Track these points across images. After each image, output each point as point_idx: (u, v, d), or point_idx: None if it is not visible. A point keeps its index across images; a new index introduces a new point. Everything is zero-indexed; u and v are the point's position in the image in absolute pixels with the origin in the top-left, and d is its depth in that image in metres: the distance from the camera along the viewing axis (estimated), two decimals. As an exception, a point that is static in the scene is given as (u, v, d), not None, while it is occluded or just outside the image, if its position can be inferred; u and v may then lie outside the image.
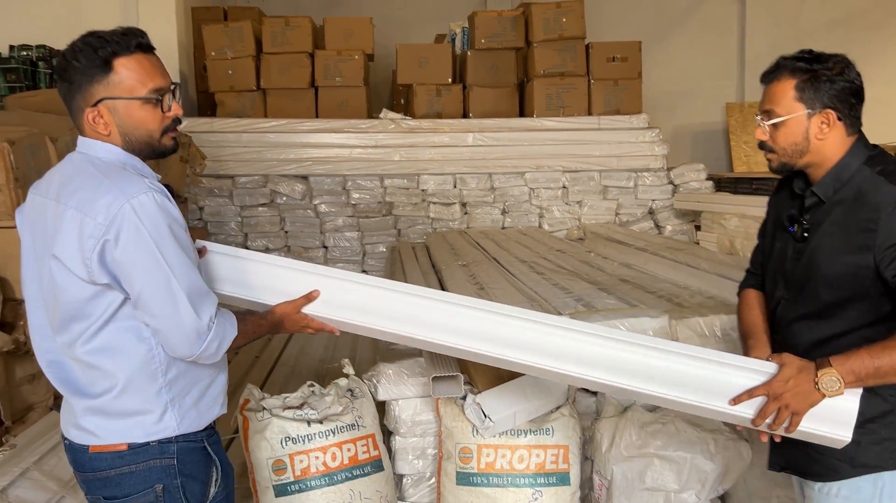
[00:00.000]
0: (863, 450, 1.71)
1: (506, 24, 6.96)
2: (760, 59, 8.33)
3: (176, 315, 1.61)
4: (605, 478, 2.33)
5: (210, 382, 1.78)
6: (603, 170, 6.72)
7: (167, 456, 1.67)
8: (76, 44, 1.67)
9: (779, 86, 1.77)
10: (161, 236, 1.60)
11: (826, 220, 1.76)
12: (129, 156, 1.71)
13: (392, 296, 1.88)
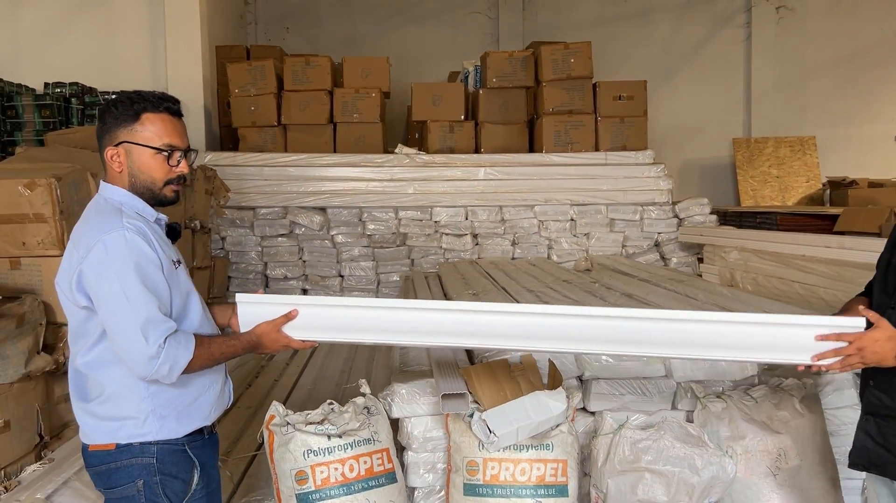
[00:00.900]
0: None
1: (516, 64, 7.27)
2: (766, 96, 8.71)
3: (128, 341, 1.82)
4: (601, 492, 2.52)
5: (197, 397, 1.99)
6: (610, 203, 6.96)
7: (147, 456, 1.90)
8: (120, 96, 1.99)
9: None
10: (124, 270, 1.82)
11: None
12: (133, 197, 1.96)
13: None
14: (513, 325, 2.06)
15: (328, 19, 10.76)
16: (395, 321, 2.11)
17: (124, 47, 7.66)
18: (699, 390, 2.78)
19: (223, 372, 2.12)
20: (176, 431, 1.94)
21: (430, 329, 2.10)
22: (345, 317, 2.11)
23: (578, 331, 2.03)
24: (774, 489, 2.52)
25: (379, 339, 2.18)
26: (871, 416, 1.98)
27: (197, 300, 2.03)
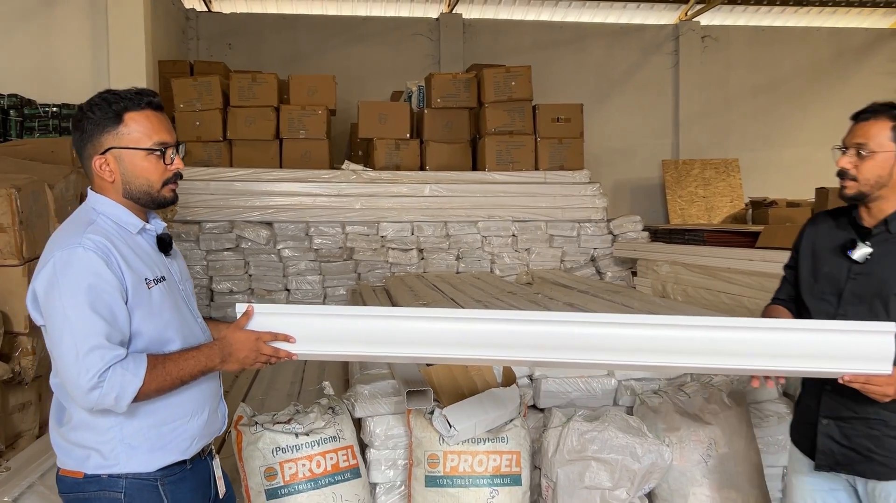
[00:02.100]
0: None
1: (460, 86, 7.54)
2: (693, 120, 9.28)
3: (66, 370, 1.65)
4: (551, 481, 2.73)
5: (174, 428, 1.79)
6: (549, 220, 7.27)
7: (115, 489, 1.73)
8: (93, 98, 1.79)
9: (876, 124, 2.03)
10: (72, 292, 1.64)
11: (895, 247, 2.04)
12: (116, 206, 1.79)
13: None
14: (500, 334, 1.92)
15: (271, 37, 10.84)
16: (403, 331, 1.92)
17: (65, 59, 7.55)
18: (638, 388, 3.04)
19: (213, 396, 1.91)
20: (147, 465, 1.75)
21: (452, 341, 1.92)
22: (351, 328, 1.91)
23: (609, 342, 1.92)
24: (706, 474, 2.78)
25: (384, 353, 1.99)
26: (831, 420, 2.10)
27: (174, 329, 1.80)
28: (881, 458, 2.01)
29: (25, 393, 3.70)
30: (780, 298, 2.35)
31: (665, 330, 1.92)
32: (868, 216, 2.11)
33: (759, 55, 12.00)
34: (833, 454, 2.09)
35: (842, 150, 2.09)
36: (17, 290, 3.51)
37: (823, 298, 2.14)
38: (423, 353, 1.97)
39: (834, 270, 2.12)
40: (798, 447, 2.24)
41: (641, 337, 1.91)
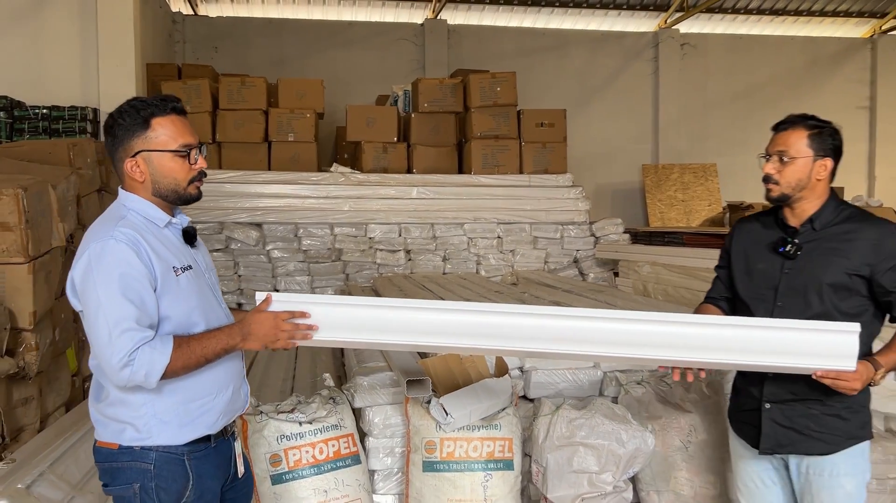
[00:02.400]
0: (852, 424, 2.21)
1: (446, 91, 7.71)
2: (672, 126, 9.58)
3: (101, 350, 1.80)
4: (542, 466, 2.89)
5: (202, 404, 1.93)
6: (533, 222, 7.45)
7: (146, 461, 1.88)
8: (123, 106, 1.93)
9: (794, 134, 2.24)
10: (105, 280, 1.78)
11: (821, 243, 2.22)
12: (145, 203, 1.94)
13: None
14: (521, 328, 2.05)
15: (257, 40, 10.94)
16: (417, 322, 2.04)
17: (55, 62, 7.60)
18: (623, 378, 3.21)
19: (237, 375, 2.05)
20: (177, 438, 1.90)
21: (458, 331, 2.04)
22: (368, 317, 2.04)
23: (628, 337, 2.05)
24: (686, 459, 2.96)
25: (392, 341, 2.09)
26: (774, 404, 2.27)
27: (199, 313, 1.95)
28: (818, 435, 2.21)
29: (28, 388, 3.79)
30: (712, 297, 2.53)
31: (648, 325, 2.07)
32: (792, 216, 2.30)
33: (736, 62, 12.31)
34: (777, 436, 2.27)
35: (766, 157, 2.28)
36: (23, 287, 3.62)
37: (760, 294, 2.31)
38: (432, 342, 2.10)
39: (768, 267, 2.30)
40: (740, 434, 2.41)
41: (624, 331, 2.06)
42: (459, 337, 2.05)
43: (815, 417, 2.22)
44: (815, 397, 2.20)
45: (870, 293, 2.22)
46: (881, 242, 2.19)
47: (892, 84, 12.61)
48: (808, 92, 12.47)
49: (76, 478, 3.15)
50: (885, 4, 12.24)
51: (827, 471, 2.22)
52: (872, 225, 2.23)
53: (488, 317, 2.05)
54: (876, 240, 2.20)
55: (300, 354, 5.22)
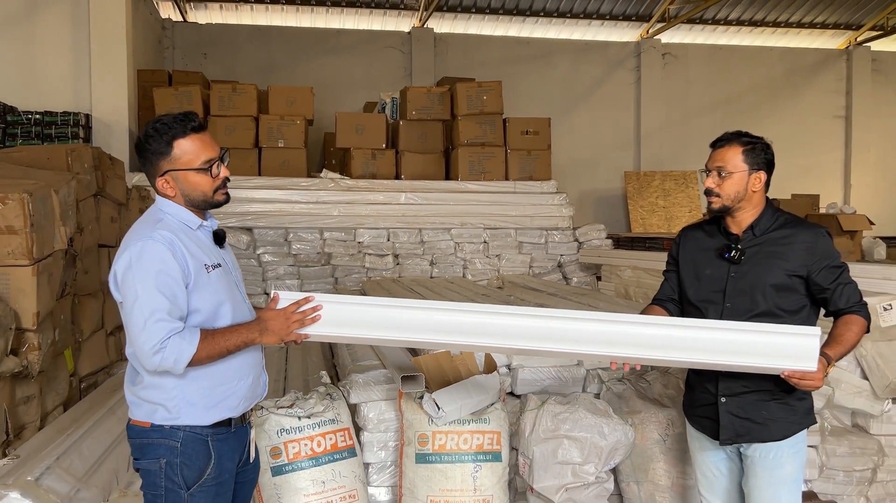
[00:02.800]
0: (798, 412, 2.41)
1: (434, 99, 7.89)
2: (654, 134, 9.87)
3: (136, 338, 2.00)
4: (528, 458, 3.05)
5: (226, 389, 2.14)
6: (518, 228, 7.64)
7: (174, 439, 2.08)
8: (148, 130, 2.12)
9: (730, 150, 2.44)
10: (143, 275, 1.99)
11: (762, 248, 2.41)
12: (180, 209, 2.14)
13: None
14: (523, 328, 2.23)
15: (246, 47, 11.07)
16: (418, 320, 2.21)
17: (47, 68, 7.72)
18: (605, 376, 3.39)
19: (257, 365, 2.24)
20: (203, 419, 2.10)
21: (453, 329, 2.20)
22: (372, 315, 2.22)
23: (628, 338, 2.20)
24: (664, 451, 3.13)
25: (399, 338, 2.24)
26: (729, 397, 2.43)
27: (228, 306, 2.13)
28: (771, 423, 2.41)
29: (30, 386, 3.90)
30: (659, 299, 2.70)
31: (628, 326, 2.24)
32: (734, 224, 2.50)
33: (716, 72, 12.61)
34: (734, 427, 2.45)
35: (706, 172, 2.49)
36: (27, 289, 3.72)
37: (710, 297, 2.49)
38: (426, 339, 2.27)
39: (715, 272, 2.49)
40: (697, 428, 2.58)
41: (604, 331, 2.24)
42: (448, 334, 2.23)
43: (768, 407, 2.41)
44: (766, 388, 2.39)
45: (807, 291, 2.42)
46: (815, 244, 2.41)
47: (866, 94, 12.96)
48: (785, 101, 12.80)
49: (81, 471, 3.28)
50: (861, 17, 12.59)
51: (772, 454, 2.41)
52: (806, 229, 2.45)
53: (474, 317, 2.24)
54: (811, 242, 2.41)
55: (291, 356, 5.36)
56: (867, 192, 12.96)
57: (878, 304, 3.51)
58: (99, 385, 4.66)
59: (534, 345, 2.26)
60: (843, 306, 2.41)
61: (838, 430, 3.55)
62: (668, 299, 2.69)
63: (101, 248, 4.89)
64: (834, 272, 2.40)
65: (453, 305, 2.25)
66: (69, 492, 3.09)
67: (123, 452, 3.67)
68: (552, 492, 2.98)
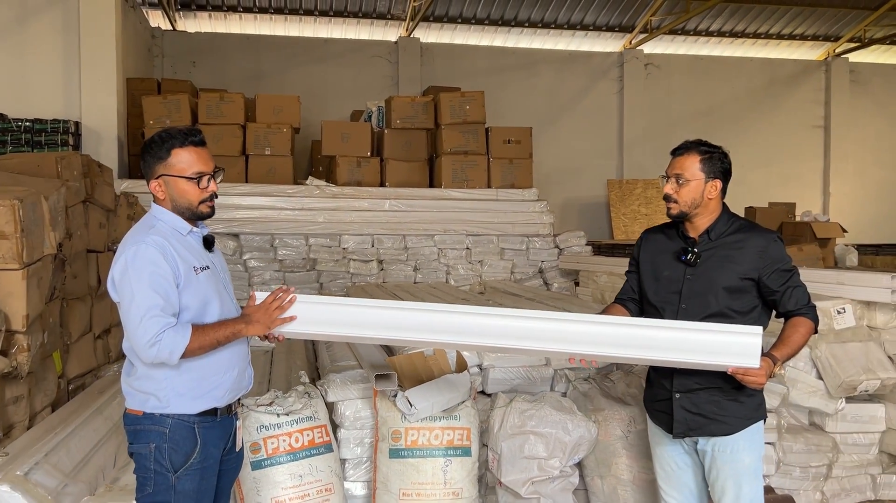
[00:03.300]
0: (748, 407, 2.53)
1: (418, 109, 8.06)
2: (636, 143, 10.15)
3: (133, 332, 2.18)
4: (497, 453, 3.20)
5: (213, 381, 2.32)
6: (500, 234, 7.81)
7: (163, 426, 2.26)
8: (153, 137, 2.34)
9: (688, 158, 2.54)
10: (138, 276, 2.17)
11: (717, 251, 2.53)
12: (172, 216, 2.33)
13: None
14: (493, 327, 2.39)
15: (235, 55, 11.21)
16: (389, 318, 2.38)
17: (38, 76, 7.83)
18: (572, 376, 3.55)
19: (242, 359, 2.42)
20: (191, 408, 2.28)
21: (424, 327, 2.37)
22: (347, 314, 2.39)
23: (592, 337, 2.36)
24: (626, 447, 3.29)
25: (372, 335, 2.40)
26: (683, 394, 2.56)
27: (216, 305, 2.32)
28: (722, 418, 2.54)
29: (20, 387, 4.02)
30: (621, 298, 2.84)
31: (584, 325, 2.40)
32: (692, 229, 2.63)
33: (698, 82, 12.85)
34: (687, 422, 2.59)
35: (665, 178, 2.61)
36: (17, 292, 3.85)
37: (667, 297, 2.62)
38: (398, 336, 2.44)
39: (673, 274, 2.62)
40: (655, 421, 2.73)
41: (562, 330, 2.40)
42: (417, 331, 2.40)
43: (718, 403, 2.54)
44: (717, 385, 2.53)
45: (758, 293, 2.56)
46: (766, 249, 2.54)
47: (845, 104, 13.22)
48: (766, 111, 13.05)
49: (69, 467, 3.40)
50: (839, 29, 12.87)
51: (729, 448, 2.54)
52: (759, 234, 2.59)
53: (441, 316, 2.42)
54: (762, 247, 2.54)
55: (276, 359, 5.50)
56: (846, 201, 13.21)
57: (832, 308, 3.69)
58: (87, 387, 4.77)
59: (497, 343, 2.43)
60: (792, 308, 2.55)
61: (795, 428, 3.72)
62: (629, 298, 2.82)
63: (89, 253, 5.00)
64: (784, 275, 2.54)
65: (422, 305, 2.41)
66: (56, 487, 3.22)
67: (110, 450, 3.81)
68: (519, 486, 3.13)
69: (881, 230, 12.90)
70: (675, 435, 2.62)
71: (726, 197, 2.70)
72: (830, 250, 8.20)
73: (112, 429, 3.95)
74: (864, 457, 3.82)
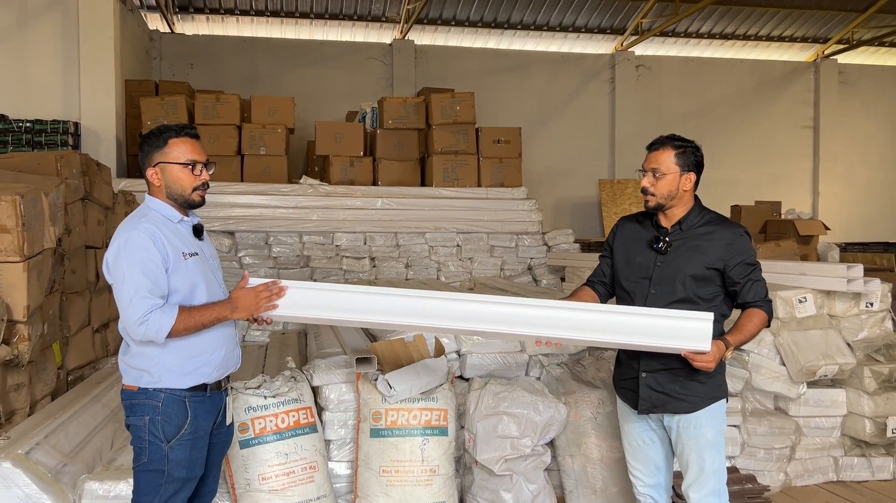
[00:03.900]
0: (709, 387, 2.68)
1: (410, 109, 8.24)
2: (628, 143, 10.38)
3: (124, 312, 2.35)
4: (472, 433, 3.38)
5: (200, 360, 2.48)
6: (490, 232, 7.99)
7: (156, 400, 2.43)
8: (152, 129, 2.53)
9: (663, 153, 2.67)
10: (130, 260, 2.35)
11: (686, 241, 2.67)
12: (163, 204, 2.50)
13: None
14: (477, 312, 2.55)
15: (231, 58, 11.39)
16: (370, 303, 2.57)
17: (38, 78, 8.01)
18: (545, 361, 3.73)
19: (230, 339, 2.58)
20: (181, 383, 2.45)
21: (407, 311, 2.55)
22: (330, 298, 2.57)
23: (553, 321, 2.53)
24: (595, 428, 3.47)
25: (352, 318, 2.59)
26: (648, 373, 2.73)
27: (203, 288, 2.48)
28: (684, 397, 2.72)
29: (21, 375, 4.20)
30: (591, 281, 3.01)
31: (552, 311, 2.58)
32: (665, 219, 2.78)
33: (688, 84, 13.03)
34: (651, 399, 2.76)
35: (643, 173, 2.77)
36: (18, 284, 4.03)
37: (638, 281, 2.78)
38: (386, 320, 2.61)
39: (644, 260, 2.78)
40: (623, 398, 2.91)
41: (528, 314, 2.58)
42: (395, 315, 2.58)
43: (681, 382, 2.71)
44: (681, 366, 2.68)
45: (722, 283, 2.73)
46: (733, 242, 2.70)
47: (833, 105, 13.41)
48: (755, 112, 13.23)
49: (67, 449, 3.59)
50: (827, 31, 13.06)
51: (693, 424, 2.72)
52: (727, 227, 2.75)
53: (417, 301, 2.60)
54: (729, 240, 2.70)
55: (270, 352, 5.69)
56: (835, 200, 13.39)
57: (794, 297, 3.87)
58: (85, 378, 4.95)
59: (474, 326, 2.59)
60: (750, 300, 2.70)
61: (759, 412, 3.90)
62: (599, 282, 2.98)
63: (88, 249, 5.17)
64: (747, 268, 2.69)
65: (405, 291, 2.58)
66: (56, 466, 3.40)
67: (107, 434, 3.99)
68: (493, 464, 3.31)
69: (869, 229, 13.10)
70: (640, 411, 2.78)
71: (708, 191, 2.85)
72: (813, 247, 8.39)
73: (109, 415, 4.13)
74: (827, 439, 4.01)
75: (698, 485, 2.73)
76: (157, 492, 2.46)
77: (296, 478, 3.24)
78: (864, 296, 3.93)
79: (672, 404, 2.74)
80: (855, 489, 3.94)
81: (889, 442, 4.00)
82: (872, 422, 3.94)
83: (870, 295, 3.93)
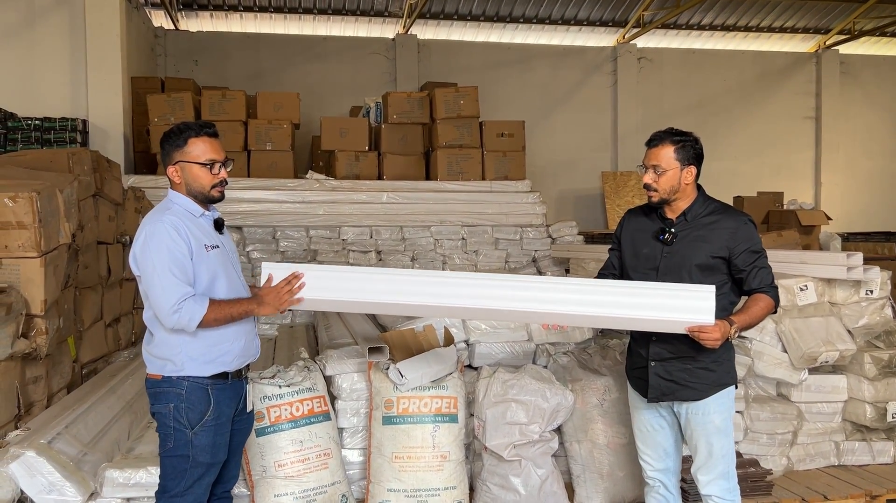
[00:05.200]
0: (718, 374, 2.76)
1: (414, 104, 8.31)
2: (630, 135, 10.45)
3: (157, 300, 2.44)
4: (482, 420, 3.47)
5: (222, 348, 2.58)
6: (494, 225, 8.07)
7: (179, 388, 2.54)
8: (172, 128, 2.63)
9: (663, 149, 2.73)
10: (158, 250, 2.45)
11: (691, 231, 2.74)
12: (185, 199, 2.61)
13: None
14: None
15: (235, 54, 11.46)
16: (392, 283, 2.70)
17: (46, 76, 8.10)
18: (552, 350, 3.82)
19: (249, 331, 2.68)
20: (203, 371, 2.55)
21: (420, 292, 2.65)
22: (352, 279, 2.72)
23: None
24: (602, 414, 3.56)
25: (373, 299, 2.68)
26: (657, 362, 2.79)
27: (224, 280, 2.58)
28: (693, 385, 2.79)
29: (38, 367, 4.29)
30: (603, 273, 3.09)
31: (557, 289, 2.69)
32: (670, 211, 2.85)
33: (690, 75, 13.06)
34: (661, 387, 2.83)
35: (644, 169, 2.83)
36: (36, 279, 4.12)
37: (646, 272, 2.85)
38: (400, 300, 2.70)
39: (651, 251, 2.85)
40: (634, 387, 2.98)
41: (538, 293, 2.68)
42: (407, 295, 2.68)
43: (690, 371, 2.79)
44: (690, 355, 2.76)
45: (728, 271, 2.79)
46: (737, 230, 2.77)
47: (835, 96, 13.44)
48: (757, 103, 13.27)
49: (87, 439, 3.68)
50: (829, 21, 13.08)
51: (701, 411, 2.80)
52: (731, 216, 2.81)
53: (428, 280, 2.76)
54: (734, 228, 2.77)
55: (279, 345, 5.79)
56: (837, 191, 13.44)
57: (795, 285, 3.95)
58: (99, 372, 5.05)
59: (472, 304, 2.68)
60: (756, 286, 2.76)
61: (762, 398, 3.98)
62: (610, 274, 3.05)
63: (99, 245, 5.26)
64: (752, 256, 2.75)
65: (418, 272, 2.74)
66: (76, 455, 3.50)
67: (124, 425, 4.08)
68: (502, 450, 3.40)
69: (871, 219, 13.15)
70: (650, 399, 2.85)
71: (711, 182, 2.90)
72: (815, 237, 8.45)
73: (125, 406, 4.22)
74: (828, 425, 4.09)
75: (707, 469, 2.82)
76: (182, 477, 2.56)
77: (310, 465, 3.34)
78: (864, 283, 4.00)
79: (681, 392, 2.81)
80: (856, 473, 4.03)
81: (889, 426, 4.08)
82: (873, 407, 4.02)
83: (870, 282, 4.00)
